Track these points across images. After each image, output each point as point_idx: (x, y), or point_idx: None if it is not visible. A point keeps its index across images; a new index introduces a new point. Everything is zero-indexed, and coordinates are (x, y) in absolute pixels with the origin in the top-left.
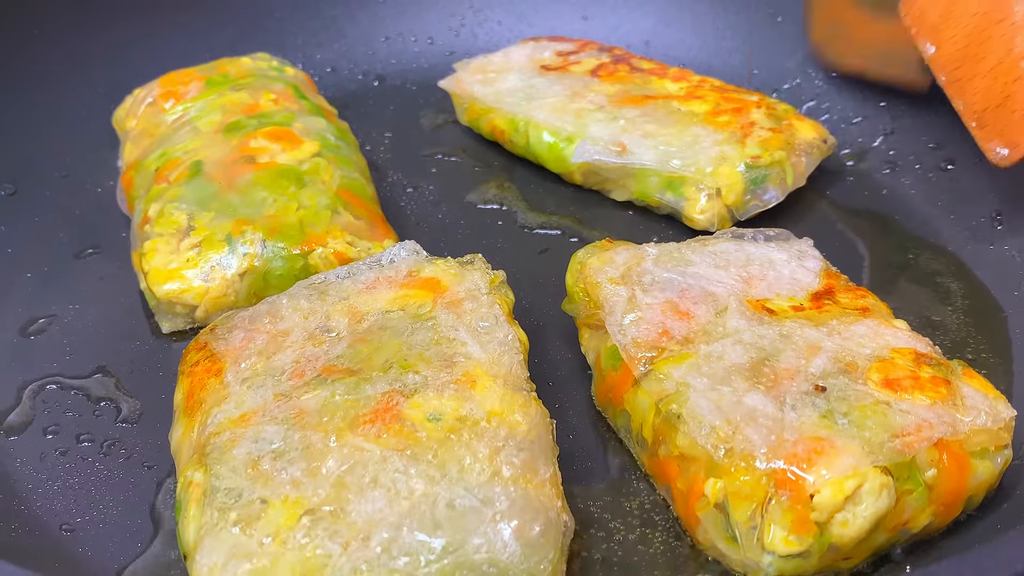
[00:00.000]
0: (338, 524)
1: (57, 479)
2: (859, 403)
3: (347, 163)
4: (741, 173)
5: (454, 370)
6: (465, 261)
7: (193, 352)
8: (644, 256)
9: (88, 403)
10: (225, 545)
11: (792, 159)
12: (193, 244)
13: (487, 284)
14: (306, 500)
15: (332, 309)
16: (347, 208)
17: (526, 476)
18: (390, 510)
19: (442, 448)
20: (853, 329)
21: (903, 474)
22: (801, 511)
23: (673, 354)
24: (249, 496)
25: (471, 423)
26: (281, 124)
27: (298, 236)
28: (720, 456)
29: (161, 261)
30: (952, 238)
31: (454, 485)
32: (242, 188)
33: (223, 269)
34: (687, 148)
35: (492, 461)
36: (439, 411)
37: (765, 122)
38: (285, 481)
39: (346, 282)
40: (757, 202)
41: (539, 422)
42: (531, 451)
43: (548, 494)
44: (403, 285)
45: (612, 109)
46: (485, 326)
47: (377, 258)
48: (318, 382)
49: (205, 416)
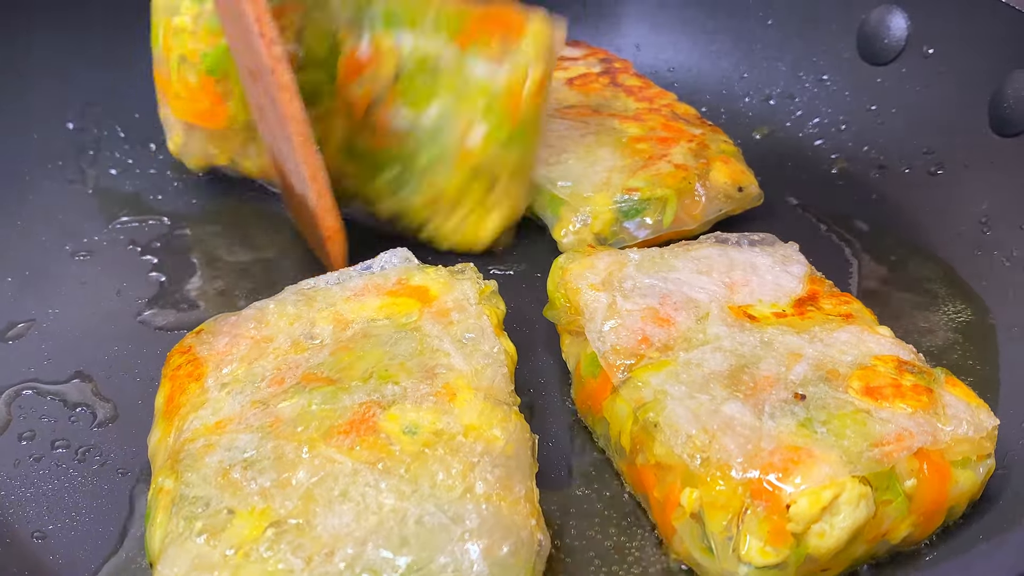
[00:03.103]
0: (303, 538)
1: (31, 486)
2: (839, 411)
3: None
4: (615, 203)
5: (435, 382)
6: (456, 270)
7: (177, 356)
8: (626, 261)
9: (64, 409)
10: (188, 555)
11: (684, 200)
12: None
13: (476, 294)
14: (273, 512)
15: (318, 316)
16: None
17: (500, 493)
18: (357, 525)
19: (415, 462)
20: (836, 336)
21: (882, 484)
22: (777, 522)
23: (652, 361)
24: (217, 505)
25: (447, 437)
26: None
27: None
28: (696, 465)
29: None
30: (940, 243)
31: (425, 501)
32: None
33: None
34: (581, 170)
35: (465, 477)
36: (416, 424)
37: (677, 157)
38: (254, 491)
39: (335, 288)
40: (624, 235)
41: (518, 438)
42: (507, 468)
43: (522, 512)
44: (390, 293)
45: (549, 119)
46: (471, 337)
47: (368, 264)
48: (296, 390)
49: (182, 421)
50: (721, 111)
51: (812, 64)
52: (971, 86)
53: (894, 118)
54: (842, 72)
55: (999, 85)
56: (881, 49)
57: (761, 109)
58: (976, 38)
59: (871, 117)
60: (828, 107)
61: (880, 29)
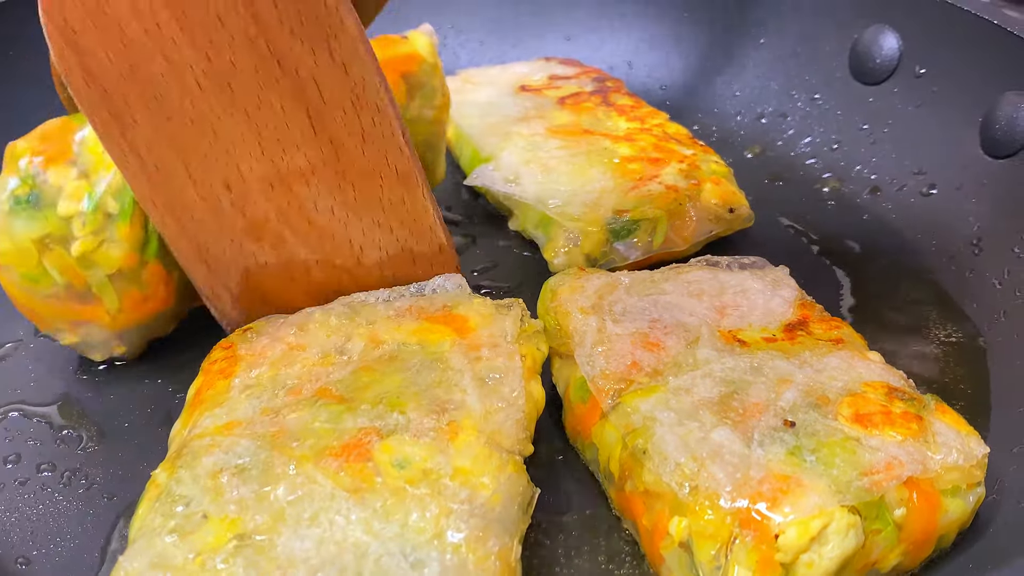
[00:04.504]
0: (260, 556)
1: (15, 510)
2: (828, 439)
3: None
4: (605, 223)
5: (441, 418)
6: (503, 304)
7: (219, 350)
8: (616, 284)
9: (51, 431)
10: (153, 551)
11: (675, 221)
12: None
13: (515, 333)
14: (242, 523)
15: (356, 331)
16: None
17: (471, 545)
18: (315, 552)
19: (394, 498)
20: (826, 361)
21: (871, 513)
22: (766, 551)
23: (642, 387)
24: (196, 507)
25: (434, 477)
26: None
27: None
28: (685, 494)
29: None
30: (931, 265)
31: (390, 541)
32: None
33: None
34: (573, 190)
35: (438, 523)
36: (408, 458)
37: (668, 178)
38: (232, 499)
39: (380, 306)
40: (615, 256)
41: (508, 490)
42: (486, 520)
43: (490, 570)
44: (430, 319)
45: (540, 139)
46: (495, 377)
47: (422, 286)
48: (308, 403)
49: (200, 416)
50: (713, 129)
51: (804, 83)
52: (963, 107)
53: (886, 138)
54: (834, 91)
55: (991, 106)
56: (873, 69)
57: (753, 128)
58: (968, 59)
59: (863, 137)
60: (820, 126)
61: (872, 49)
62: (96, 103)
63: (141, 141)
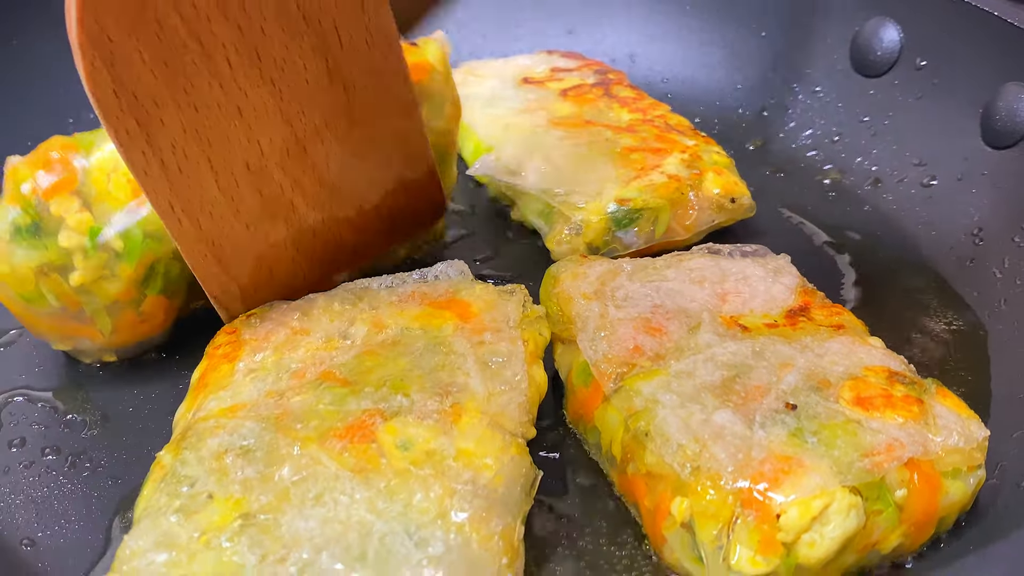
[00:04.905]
0: (265, 535)
1: (20, 492)
2: (829, 421)
3: None
4: (608, 212)
5: (445, 400)
6: (506, 290)
7: (222, 335)
8: (619, 271)
9: (55, 416)
10: (158, 530)
11: (677, 210)
12: None
13: (518, 317)
14: (247, 503)
15: (359, 316)
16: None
17: (474, 525)
18: (320, 531)
19: (397, 479)
20: (827, 346)
21: (873, 494)
22: (767, 531)
23: (644, 370)
24: (201, 488)
25: (438, 458)
26: None
27: None
28: (687, 475)
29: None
30: (932, 255)
31: (393, 520)
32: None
33: None
34: (576, 180)
35: (442, 503)
36: (411, 440)
37: (670, 168)
38: (237, 480)
39: (383, 292)
40: (617, 245)
41: (511, 471)
42: (489, 500)
43: (494, 549)
44: (433, 304)
45: (542, 130)
46: (498, 361)
47: (424, 272)
48: (312, 386)
49: (204, 399)
50: (715, 121)
51: (806, 76)
52: (963, 98)
53: (887, 130)
54: (835, 84)
55: (991, 97)
56: (874, 61)
57: (755, 120)
58: (969, 50)
59: (864, 129)
60: (821, 118)
61: (873, 41)
62: (124, 114)
63: (166, 143)
